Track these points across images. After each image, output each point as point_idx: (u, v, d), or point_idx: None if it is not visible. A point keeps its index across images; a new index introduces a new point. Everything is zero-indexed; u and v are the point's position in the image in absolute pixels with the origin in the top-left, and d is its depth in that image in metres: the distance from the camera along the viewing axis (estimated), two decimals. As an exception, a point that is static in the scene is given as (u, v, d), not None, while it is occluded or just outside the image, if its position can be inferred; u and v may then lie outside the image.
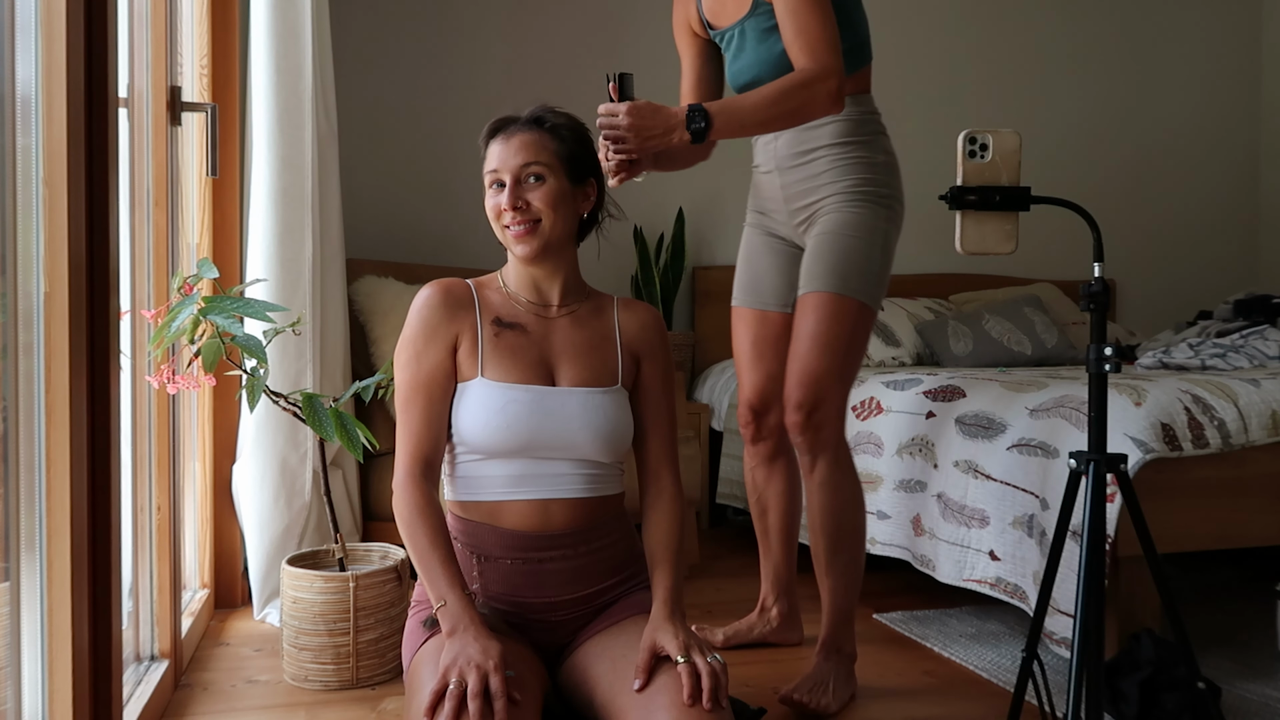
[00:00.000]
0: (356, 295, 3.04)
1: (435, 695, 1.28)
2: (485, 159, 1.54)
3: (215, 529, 2.57)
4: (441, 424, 1.49)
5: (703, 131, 1.72)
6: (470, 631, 1.35)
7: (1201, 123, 4.73)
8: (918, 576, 2.61)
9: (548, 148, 1.51)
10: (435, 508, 1.45)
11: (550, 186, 1.50)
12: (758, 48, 2.00)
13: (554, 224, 1.51)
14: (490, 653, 1.31)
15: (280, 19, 2.45)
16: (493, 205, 1.53)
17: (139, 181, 1.96)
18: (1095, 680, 1.47)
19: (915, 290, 4.09)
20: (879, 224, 1.97)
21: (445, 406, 1.50)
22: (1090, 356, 1.48)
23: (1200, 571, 3.00)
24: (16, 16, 1.22)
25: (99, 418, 1.37)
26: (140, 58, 1.96)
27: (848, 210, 1.96)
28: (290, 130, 2.47)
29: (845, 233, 1.95)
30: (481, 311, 1.53)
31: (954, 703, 2.02)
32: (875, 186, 1.99)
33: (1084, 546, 1.46)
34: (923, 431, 2.49)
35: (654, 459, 1.60)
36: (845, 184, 1.97)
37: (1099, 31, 4.57)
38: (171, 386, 1.93)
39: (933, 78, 4.33)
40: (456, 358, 1.51)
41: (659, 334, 1.62)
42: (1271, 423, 2.09)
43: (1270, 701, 2.00)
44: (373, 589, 2.08)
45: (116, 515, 1.42)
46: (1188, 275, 4.69)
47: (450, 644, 1.34)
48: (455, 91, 3.73)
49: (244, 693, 2.04)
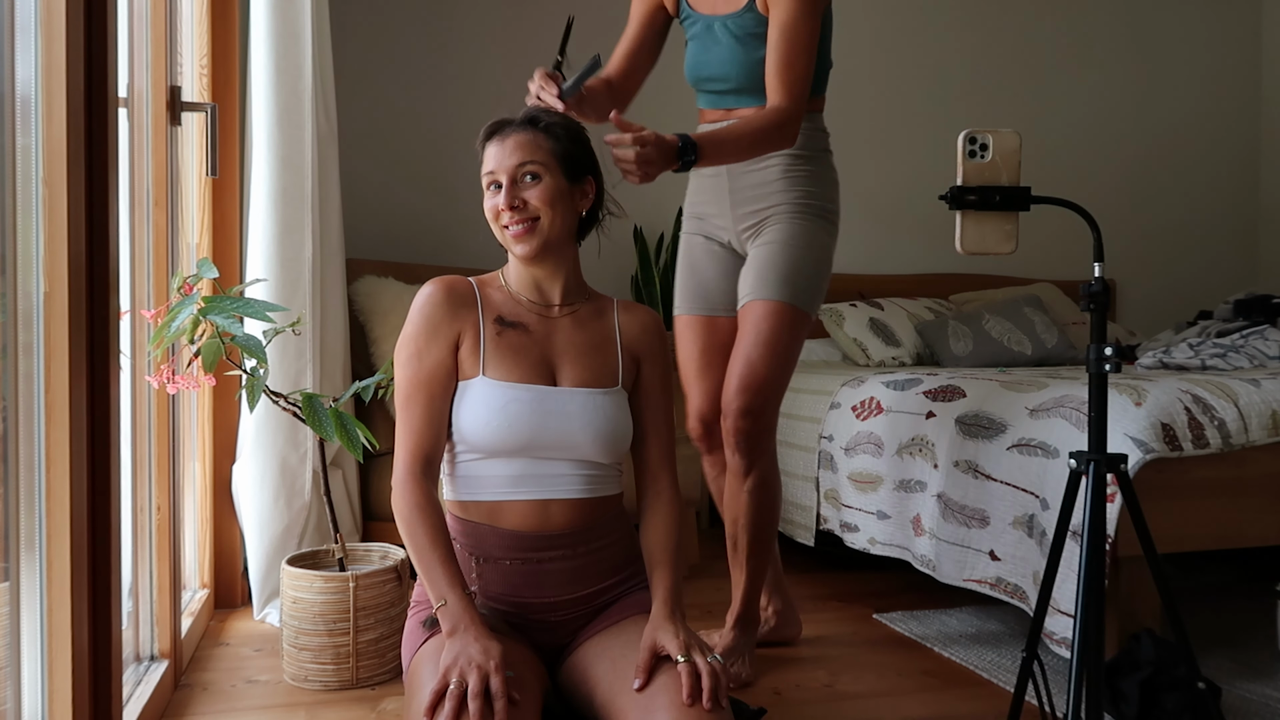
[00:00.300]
0: (356, 295, 3.04)
1: (435, 695, 1.28)
2: (482, 162, 1.54)
3: (215, 529, 2.57)
4: (442, 422, 1.49)
5: (691, 164, 1.79)
6: (470, 631, 1.35)
7: (1202, 123, 4.73)
8: (918, 576, 2.61)
9: (543, 147, 1.51)
10: (435, 506, 1.45)
11: (547, 185, 1.50)
12: (736, 48, 2.02)
13: (552, 222, 1.51)
14: (490, 653, 1.31)
15: (280, 19, 2.45)
16: (491, 206, 1.53)
17: (139, 181, 1.96)
18: (1095, 680, 1.47)
19: (915, 290, 4.09)
20: (823, 238, 2.07)
21: (446, 404, 1.50)
22: (1090, 356, 1.48)
23: (1200, 571, 3.00)
24: (16, 16, 1.22)
25: (99, 418, 1.37)
26: (140, 58, 1.96)
27: (796, 222, 2.03)
28: (290, 130, 2.47)
29: (795, 244, 2.02)
30: (484, 310, 1.53)
31: (954, 703, 2.02)
32: (821, 201, 2.07)
33: (1084, 546, 1.45)
34: (923, 431, 2.49)
35: (653, 461, 1.60)
36: (794, 195, 2.04)
37: (1100, 32, 4.57)
38: (171, 386, 1.93)
39: (933, 77, 4.33)
40: (458, 356, 1.51)
41: (659, 337, 1.63)
42: (1272, 423, 2.09)
43: (1270, 701, 2.00)
44: (372, 589, 2.08)
45: (116, 515, 1.42)
46: (1188, 275, 4.69)
47: (450, 644, 1.34)
48: (455, 91, 3.73)
49: (244, 693, 2.04)
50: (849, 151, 4.25)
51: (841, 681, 2.11)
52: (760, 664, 2.19)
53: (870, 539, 2.64)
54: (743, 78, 2.02)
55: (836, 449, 2.81)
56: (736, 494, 2.11)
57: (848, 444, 2.76)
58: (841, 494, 2.77)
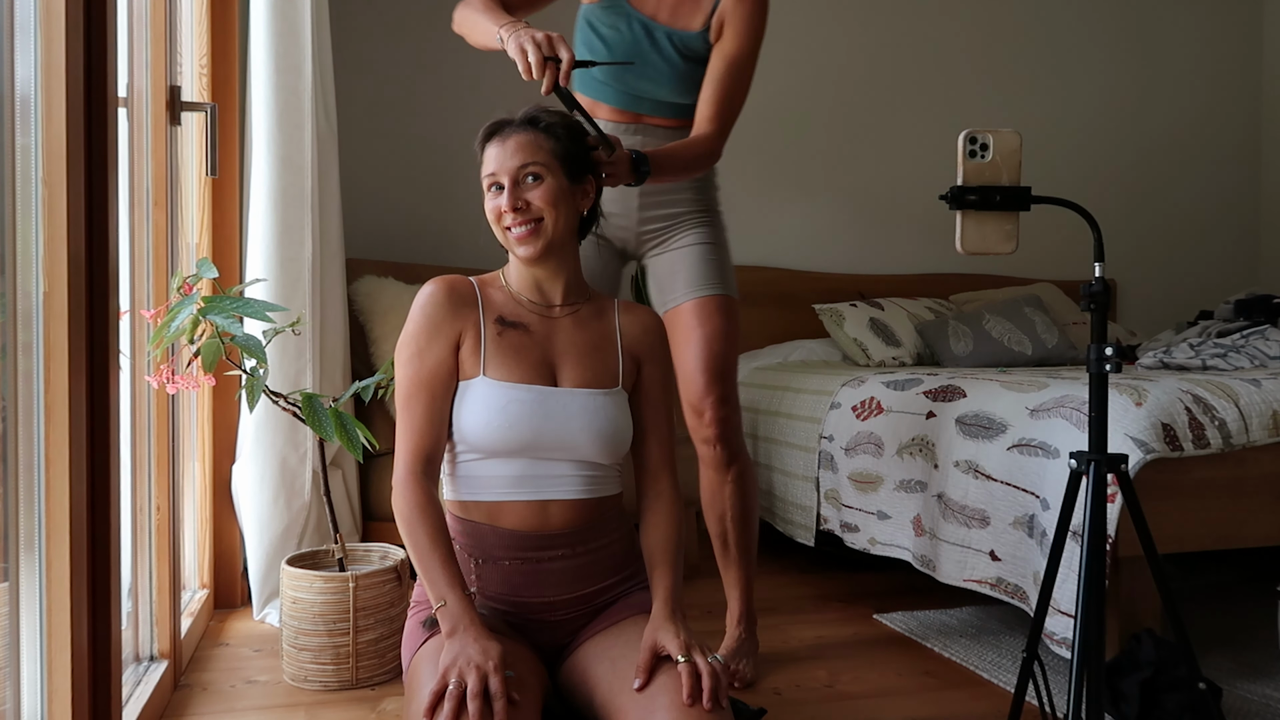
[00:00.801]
0: (356, 295, 3.04)
1: (435, 696, 1.28)
2: (482, 163, 1.53)
3: (215, 529, 2.57)
4: (443, 421, 1.49)
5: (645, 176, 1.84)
6: (470, 632, 1.34)
7: (1202, 122, 4.73)
8: (918, 576, 2.61)
9: (544, 147, 1.51)
10: (436, 506, 1.45)
11: (549, 185, 1.50)
12: (680, 65, 2.05)
13: (555, 222, 1.50)
14: (490, 653, 1.31)
15: (280, 19, 2.45)
16: (492, 208, 1.52)
17: (139, 181, 1.96)
18: (1095, 680, 1.46)
19: (915, 290, 4.09)
20: (727, 237, 2.22)
21: (447, 404, 1.49)
22: (1091, 356, 1.48)
23: (1201, 572, 3.00)
24: (16, 16, 1.22)
25: (98, 418, 1.36)
26: (140, 57, 1.96)
27: (711, 226, 2.16)
28: (290, 130, 2.47)
29: (719, 243, 2.17)
30: (485, 310, 1.53)
31: (954, 703, 2.02)
32: (718, 205, 2.22)
33: (1084, 546, 1.45)
34: (923, 431, 2.49)
35: (653, 461, 1.60)
36: (704, 200, 2.17)
37: (1100, 31, 4.57)
38: (171, 386, 1.93)
39: (933, 77, 4.33)
40: (459, 356, 1.51)
41: (659, 338, 1.62)
42: (1272, 423, 2.09)
43: (1271, 702, 2.00)
44: (372, 589, 2.07)
45: (116, 515, 1.42)
46: (1188, 275, 4.69)
47: (450, 644, 1.34)
48: (455, 91, 3.73)
49: (243, 693, 2.04)
50: (849, 151, 4.29)
51: (841, 681, 2.11)
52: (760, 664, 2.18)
53: (870, 539, 2.64)
54: (675, 93, 2.07)
55: (837, 449, 2.81)
56: (720, 488, 2.15)
57: (848, 444, 2.76)
58: (842, 494, 2.77)
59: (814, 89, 4.21)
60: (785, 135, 4.16)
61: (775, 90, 4.18)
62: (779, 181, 4.15)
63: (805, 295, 4.04)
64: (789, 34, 4.17)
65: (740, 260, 4.20)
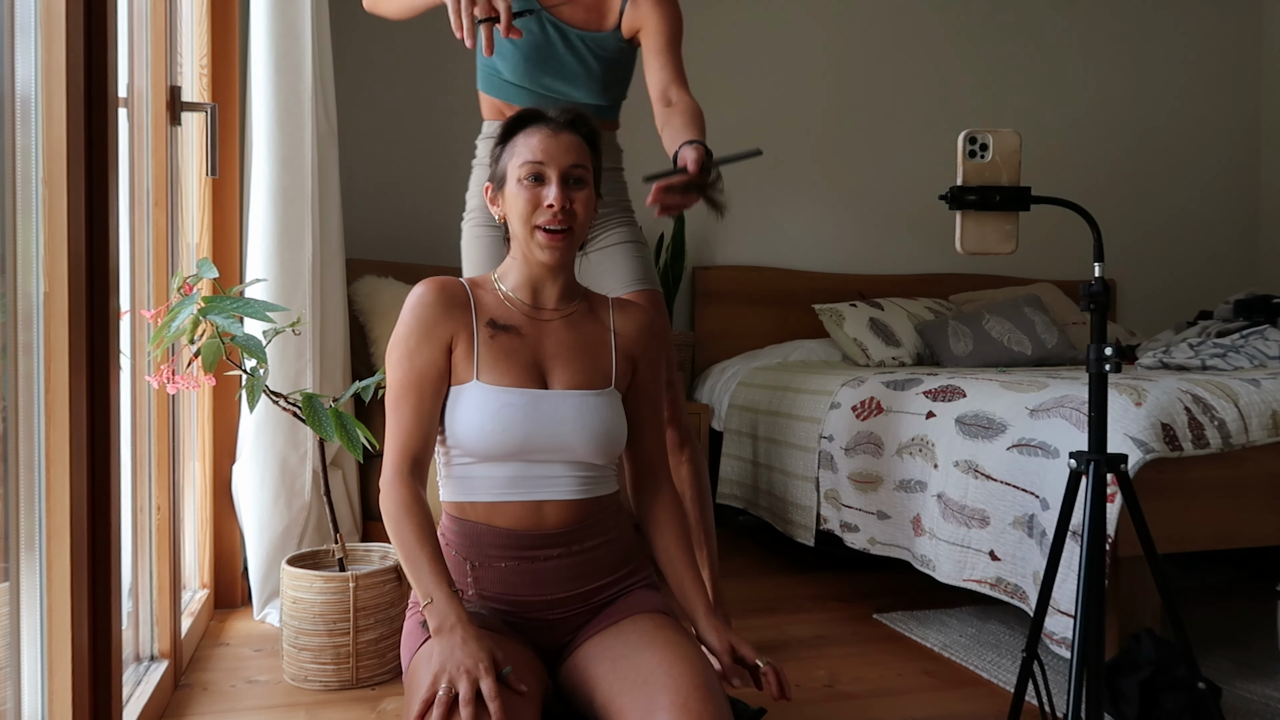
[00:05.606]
0: (356, 295, 3.04)
1: (424, 705, 1.27)
2: (510, 151, 1.49)
3: (215, 529, 2.57)
4: (432, 422, 1.49)
5: None
6: (458, 631, 1.33)
7: (1202, 122, 4.73)
8: (918, 576, 2.61)
9: (586, 154, 1.50)
10: (422, 505, 1.44)
11: (588, 193, 1.50)
12: (596, 66, 2.06)
13: (583, 228, 1.51)
14: (480, 655, 1.30)
15: (280, 19, 2.45)
16: (530, 197, 1.46)
17: (139, 181, 1.96)
18: (1095, 680, 1.46)
19: (915, 290, 4.09)
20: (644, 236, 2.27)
21: (436, 405, 1.49)
22: (1090, 356, 1.48)
23: (1200, 571, 3.00)
24: (16, 16, 1.22)
25: (99, 418, 1.37)
26: (140, 58, 1.96)
27: (631, 226, 2.21)
28: (290, 130, 2.47)
29: (641, 241, 2.22)
30: (477, 313, 1.52)
31: (954, 703, 2.02)
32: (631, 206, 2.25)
33: (1084, 546, 1.45)
34: (923, 431, 2.49)
35: (649, 460, 1.59)
36: (623, 201, 2.21)
37: (1099, 31, 4.57)
38: (171, 386, 1.93)
39: (933, 78, 4.33)
40: (451, 359, 1.50)
41: (655, 336, 1.62)
42: (1272, 423, 2.09)
43: (1270, 702, 2.00)
44: (372, 589, 2.08)
45: (116, 515, 1.42)
46: (1188, 275, 4.69)
47: (439, 644, 1.33)
48: (455, 91, 3.73)
49: (244, 693, 2.04)
50: (849, 152, 4.29)
51: (841, 681, 2.12)
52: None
53: (870, 539, 2.64)
54: (591, 94, 2.08)
55: (836, 449, 2.81)
56: (677, 469, 2.18)
57: (848, 444, 2.76)
58: (841, 494, 2.77)
59: (814, 89, 4.21)
60: (785, 136, 4.16)
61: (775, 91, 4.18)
62: (779, 182, 4.15)
63: (805, 295, 4.04)
64: (789, 34, 4.17)
65: (740, 260, 4.23)
